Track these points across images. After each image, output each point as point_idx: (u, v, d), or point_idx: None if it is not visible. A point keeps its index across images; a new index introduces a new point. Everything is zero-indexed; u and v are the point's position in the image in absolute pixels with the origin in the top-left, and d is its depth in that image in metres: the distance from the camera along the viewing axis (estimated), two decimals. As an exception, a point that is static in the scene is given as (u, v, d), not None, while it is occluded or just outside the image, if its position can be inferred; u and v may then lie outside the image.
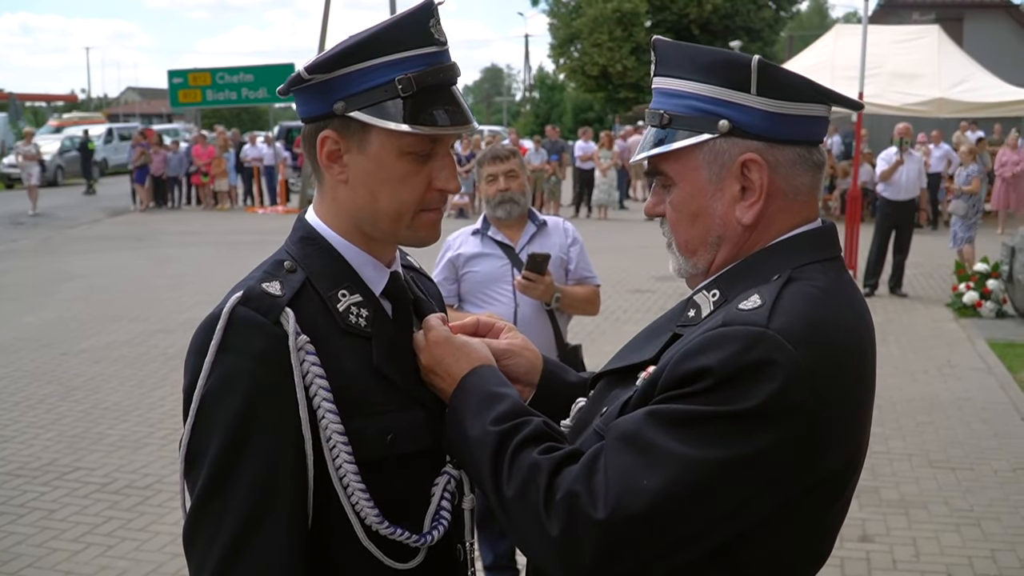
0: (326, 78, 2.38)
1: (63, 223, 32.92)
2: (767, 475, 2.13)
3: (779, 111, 2.34)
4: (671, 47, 2.47)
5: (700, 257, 2.47)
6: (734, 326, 2.17)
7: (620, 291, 18.53)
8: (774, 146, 2.35)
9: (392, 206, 2.45)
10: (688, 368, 2.15)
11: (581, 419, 2.57)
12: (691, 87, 2.38)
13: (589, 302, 6.42)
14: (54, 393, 12.07)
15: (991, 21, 46.58)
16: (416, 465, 2.51)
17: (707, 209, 2.41)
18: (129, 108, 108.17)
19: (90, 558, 7.45)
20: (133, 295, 18.95)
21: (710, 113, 2.35)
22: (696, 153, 2.38)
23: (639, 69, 66.42)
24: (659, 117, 2.43)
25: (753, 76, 2.32)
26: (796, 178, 2.39)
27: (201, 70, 42.53)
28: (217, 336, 2.29)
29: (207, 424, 2.29)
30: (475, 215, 30.37)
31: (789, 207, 2.40)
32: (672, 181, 2.44)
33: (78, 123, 60.36)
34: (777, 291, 2.23)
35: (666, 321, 2.53)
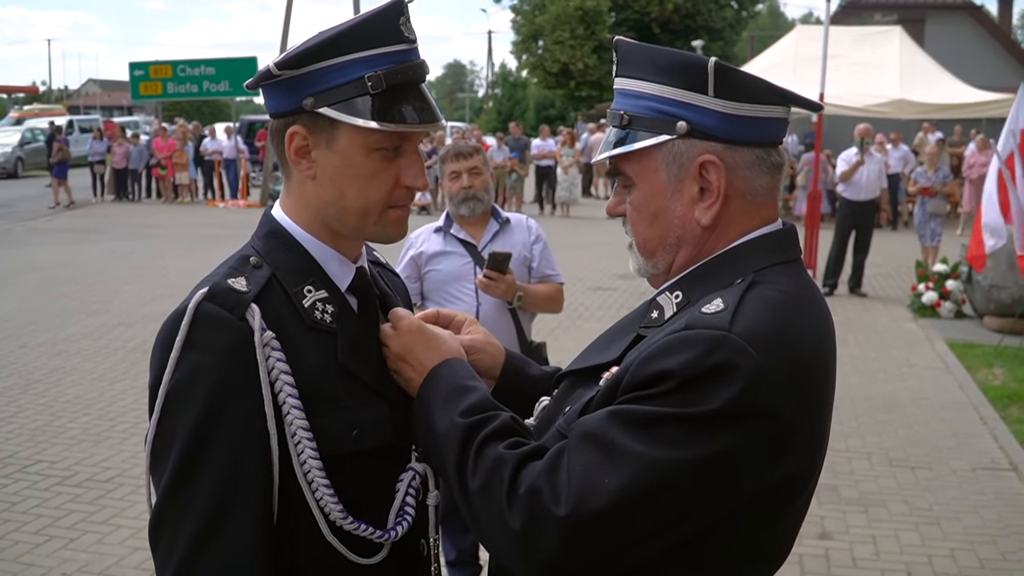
0: (295, 74, 2.38)
1: (23, 215, 32.72)
2: (727, 476, 2.15)
3: (736, 113, 2.35)
4: (632, 48, 2.47)
5: (659, 258, 2.48)
6: (696, 329, 2.18)
7: (582, 288, 18.55)
8: (732, 148, 2.36)
9: (359, 202, 2.46)
10: (650, 371, 2.16)
11: (545, 418, 2.58)
12: (651, 88, 2.39)
13: (552, 300, 6.42)
14: (14, 386, 12.01)
15: (953, 22, 46.77)
16: (380, 461, 2.52)
17: (666, 210, 2.42)
18: (90, 100, 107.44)
19: (52, 551, 7.43)
20: (93, 288, 18.84)
21: (668, 115, 2.37)
22: (655, 154, 2.39)
23: (600, 67, 66.50)
24: (619, 118, 2.45)
25: (710, 78, 2.32)
26: (755, 179, 2.40)
27: (163, 62, 42.24)
28: (182, 332, 2.30)
29: (172, 420, 2.29)
30: (438, 212, 30.36)
31: (748, 208, 2.42)
32: (632, 181, 2.46)
33: (39, 115, 59.98)
34: (740, 295, 2.24)
35: (629, 322, 2.55)
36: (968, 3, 48.45)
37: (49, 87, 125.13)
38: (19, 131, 51.62)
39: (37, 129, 50.45)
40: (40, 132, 48.80)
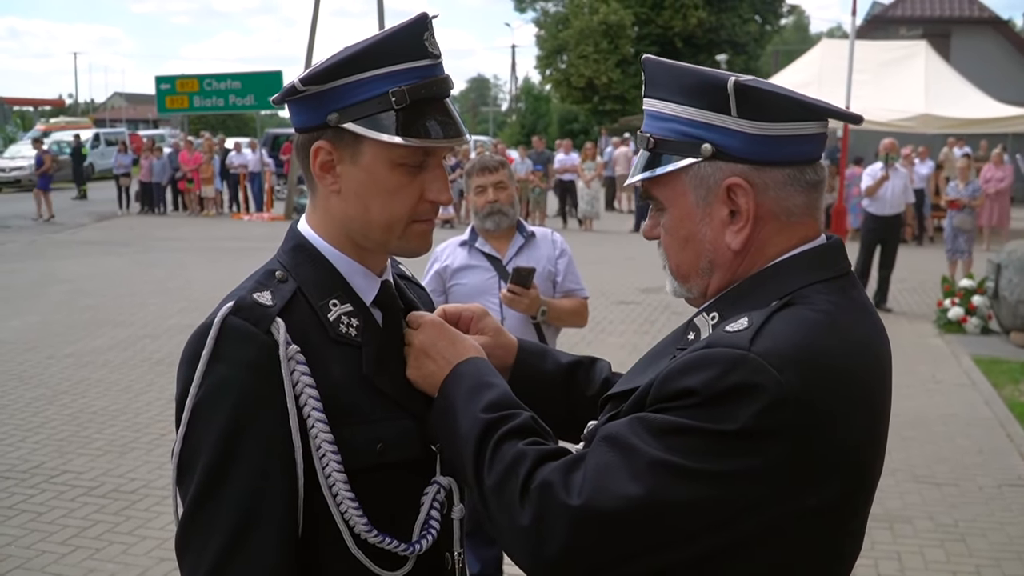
0: (320, 89, 2.39)
1: (50, 227, 32.88)
2: (747, 497, 2.09)
3: (763, 133, 2.28)
4: (658, 67, 2.42)
5: (693, 282, 2.45)
6: (716, 348, 2.14)
7: (605, 302, 18.53)
8: (761, 168, 2.29)
9: (383, 217, 2.46)
10: (673, 387, 2.14)
11: (589, 439, 2.51)
12: (676, 110, 2.34)
13: (576, 314, 6.40)
14: (41, 397, 12.08)
15: (979, 37, 46.63)
16: (405, 474, 2.52)
17: (696, 234, 2.37)
18: (116, 113, 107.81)
19: (78, 560, 7.47)
20: (119, 300, 18.92)
21: (693, 137, 2.31)
22: (682, 177, 2.35)
23: (624, 81, 66.42)
24: (646, 141, 2.40)
25: (731, 98, 2.27)
26: (788, 199, 2.32)
27: (189, 76, 42.44)
28: (208, 345, 2.31)
29: (198, 433, 2.30)
30: (462, 226, 30.37)
31: (783, 229, 2.34)
32: (663, 205, 2.42)
33: (65, 128, 60.24)
34: (768, 314, 2.19)
35: (667, 344, 2.49)
36: (994, 18, 48.31)
37: (75, 100, 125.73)
38: (46, 144, 51.84)
39: (63, 142, 50.61)
40: (66, 145, 48.96)
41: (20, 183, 48.51)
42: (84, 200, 42.83)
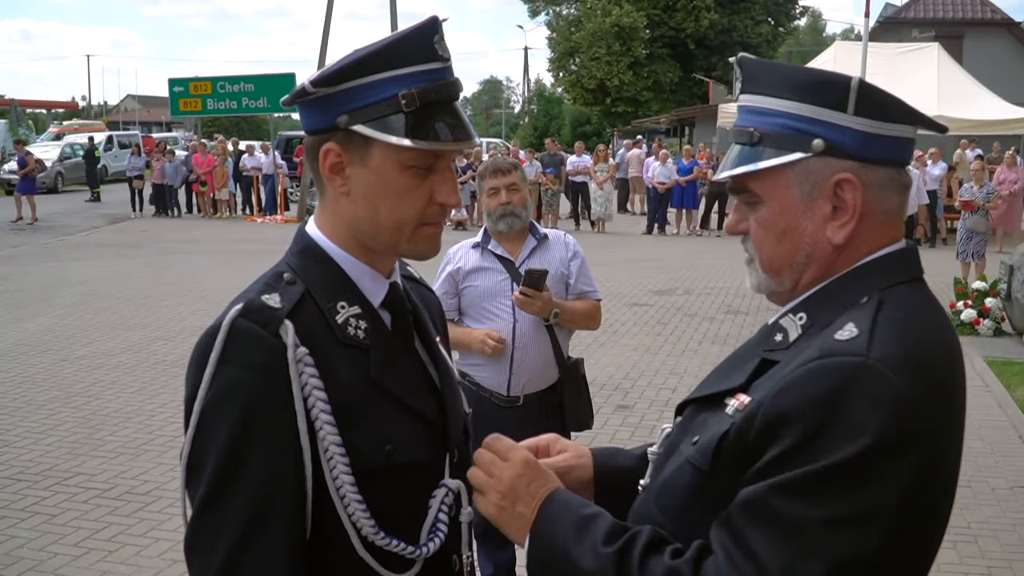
0: (330, 91, 2.39)
1: (63, 230, 32.94)
2: (905, 512, 2.06)
3: (874, 131, 2.29)
4: (760, 65, 2.44)
5: (785, 276, 2.41)
6: (833, 358, 2.10)
7: (618, 304, 18.52)
8: (868, 166, 2.30)
9: (392, 219, 2.46)
10: (788, 404, 2.09)
11: (670, 445, 2.51)
12: (784, 105, 2.33)
13: (589, 317, 6.38)
14: (54, 399, 12.09)
15: (991, 39, 46.64)
16: (413, 476, 2.51)
17: (796, 228, 2.35)
18: (129, 115, 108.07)
19: (91, 563, 7.47)
20: (132, 302, 18.97)
21: (804, 132, 2.30)
22: (787, 172, 2.33)
23: (636, 83, 66.57)
24: (749, 135, 2.38)
25: (852, 96, 2.28)
26: (887, 199, 2.33)
27: (202, 79, 42.43)
28: (217, 348, 2.30)
29: (207, 435, 2.29)
30: (474, 228, 30.39)
31: (878, 228, 2.34)
32: (759, 199, 2.38)
33: (78, 130, 60.45)
34: (872, 318, 2.17)
35: (751, 347, 2.48)
36: (1006, 20, 48.33)
37: (88, 102, 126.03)
38: (59, 146, 51.97)
39: (76, 144, 50.73)
40: (80, 147, 49.08)
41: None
42: (97, 202, 42.87)
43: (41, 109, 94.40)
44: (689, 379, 13.07)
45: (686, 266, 24.36)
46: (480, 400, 6.24)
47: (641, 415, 11.47)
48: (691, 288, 20.77)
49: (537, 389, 6.22)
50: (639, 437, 10.49)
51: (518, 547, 2.45)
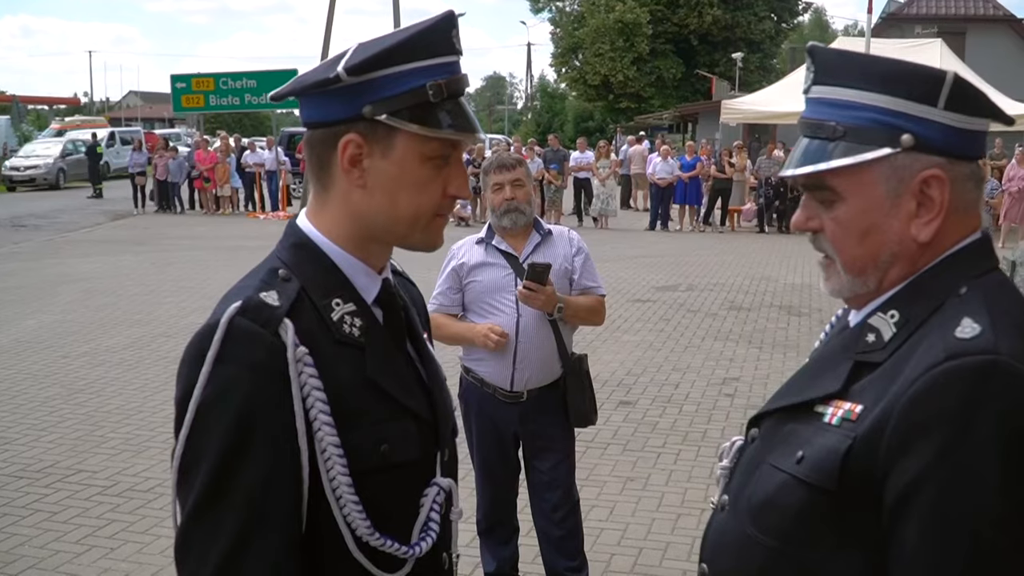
0: (357, 81, 2.36)
1: (65, 226, 32.96)
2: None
3: (962, 126, 2.23)
4: (837, 55, 2.34)
5: (869, 276, 2.31)
6: (964, 358, 2.02)
7: (621, 300, 18.50)
8: (953, 162, 2.23)
9: (411, 210, 2.45)
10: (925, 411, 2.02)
11: (750, 459, 2.45)
12: (868, 98, 2.24)
13: (593, 312, 6.36)
14: (56, 396, 12.08)
15: (994, 35, 46.63)
16: (406, 476, 2.50)
17: (880, 226, 2.26)
18: (131, 112, 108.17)
19: (92, 560, 7.46)
20: (134, 299, 18.97)
21: (892, 126, 2.22)
22: (873, 168, 2.24)
23: (640, 79, 66.67)
24: (830, 129, 2.28)
25: (945, 90, 2.20)
26: (968, 193, 2.27)
27: (204, 75, 42.49)
28: (215, 346, 2.26)
29: (202, 436, 2.26)
30: (477, 224, 30.39)
31: (960, 222, 2.27)
32: (839, 196, 2.29)
33: (80, 127, 60.42)
34: (988, 311, 2.11)
35: (837, 350, 2.38)
36: (1009, 16, 48.34)
37: (91, 99, 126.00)
38: (60, 143, 52.01)
39: (78, 141, 50.79)
40: (81, 144, 49.14)
41: (35, 182, 48.69)
42: (100, 199, 42.92)
43: (43, 105, 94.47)
44: (692, 375, 13.10)
45: (689, 262, 24.36)
46: (483, 396, 6.25)
47: (644, 411, 11.45)
48: (694, 284, 20.75)
49: (540, 384, 6.21)
50: (641, 433, 10.56)
51: (521, 543, 2.44)
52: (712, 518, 2.51)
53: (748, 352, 14.38)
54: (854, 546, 2.12)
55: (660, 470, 9.46)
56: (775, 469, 2.29)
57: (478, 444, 6.40)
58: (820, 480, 2.16)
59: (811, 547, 2.18)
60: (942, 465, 1.97)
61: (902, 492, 2.02)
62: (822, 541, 2.16)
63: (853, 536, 2.12)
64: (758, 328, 16.01)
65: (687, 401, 11.93)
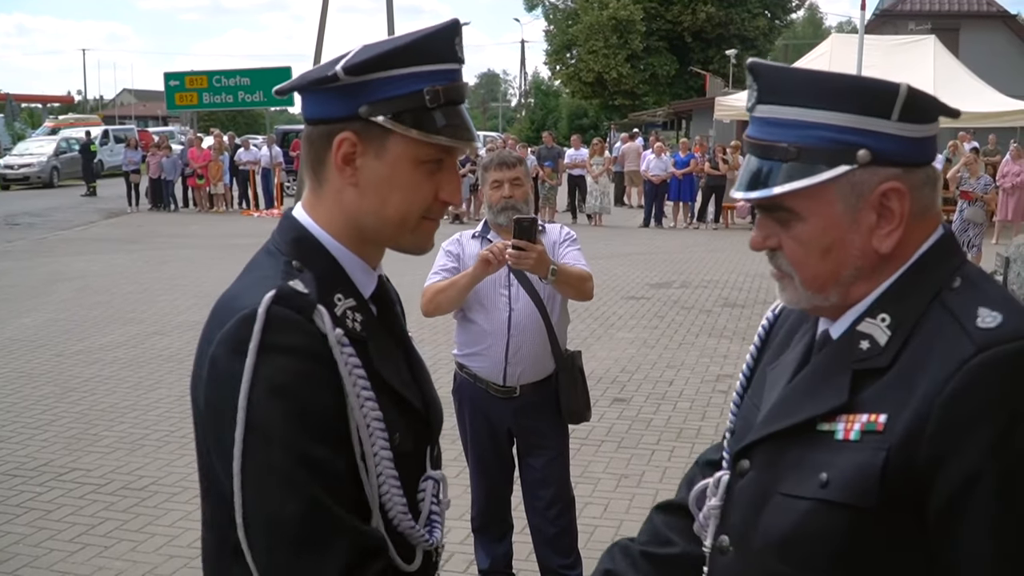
0: (356, 80, 2.37)
1: (58, 224, 32.93)
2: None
3: (917, 135, 2.21)
4: (782, 73, 2.29)
5: (831, 291, 2.28)
6: (996, 348, 2.01)
7: (615, 298, 18.53)
8: (909, 170, 2.21)
9: (399, 212, 2.45)
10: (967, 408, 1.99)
11: (752, 492, 2.36)
12: (820, 116, 2.20)
13: (584, 280, 6.15)
14: (50, 394, 12.08)
15: (987, 31, 46.62)
16: (407, 467, 2.50)
17: (842, 241, 2.24)
18: (125, 110, 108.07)
19: (87, 558, 7.46)
20: (128, 297, 18.96)
21: (846, 143, 2.18)
22: (831, 186, 2.21)
23: (634, 76, 66.71)
24: (783, 151, 2.23)
25: (899, 103, 2.17)
26: (925, 198, 2.25)
27: (198, 73, 42.54)
28: (256, 336, 2.23)
29: (262, 430, 2.23)
30: (471, 221, 30.41)
31: (919, 226, 2.25)
32: (797, 216, 2.25)
33: (74, 124, 60.33)
34: (999, 298, 2.12)
35: (827, 363, 2.31)
36: (1002, 12, 48.34)
37: (84, 97, 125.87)
38: (54, 141, 51.95)
39: (72, 139, 50.73)
40: (75, 142, 49.08)
41: (29, 180, 48.63)
42: (94, 197, 42.86)
43: (37, 104, 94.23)
44: (686, 372, 13.12)
45: (683, 259, 24.37)
46: (477, 392, 6.25)
47: (638, 408, 11.46)
48: (688, 281, 20.76)
49: (533, 380, 6.20)
50: (635, 430, 10.58)
51: (515, 540, 2.45)
52: (711, 562, 2.46)
53: (742, 349, 14.21)
54: (903, 559, 2.09)
55: (654, 467, 9.47)
56: (794, 499, 2.22)
57: (472, 441, 6.40)
58: (856, 499, 2.10)
59: (857, 571, 2.14)
60: (1000, 455, 1.96)
61: (957, 490, 1.99)
62: (868, 561, 2.12)
63: (899, 549, 2.09)
64: (752, 325, 15.81)
65: (681, 398, 11.94)
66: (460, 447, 6.55)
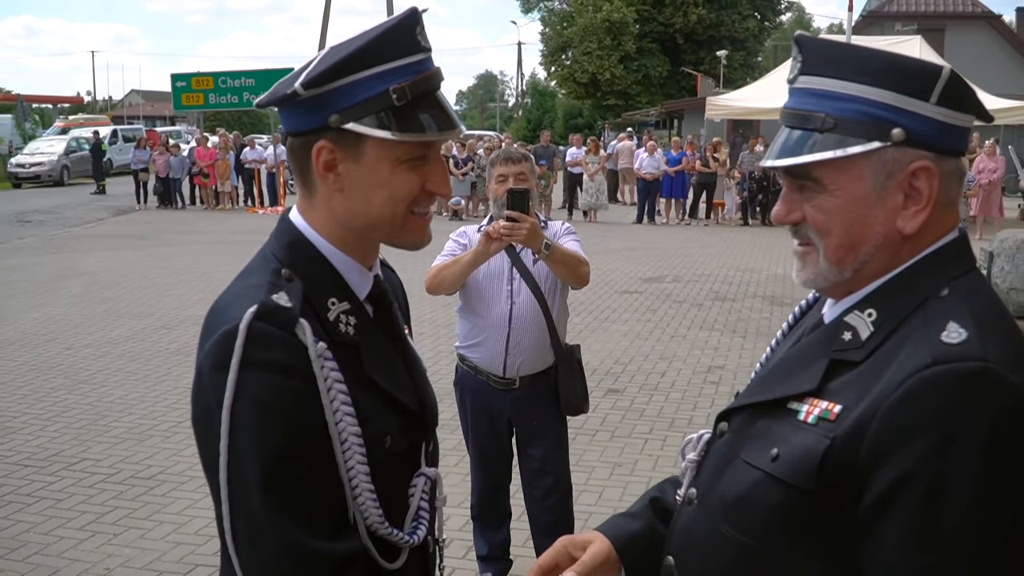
0: (319, 92, 2.34)
1: (69, 221, 32.89)
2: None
3: (952, 122, 2.16)
4: (827, 45, 2.25)
5: (847, 266, 2.24)
6: (951, 364, 1.96)
7: (609, 292, 18.54)
8: (941, 157, 2.16)
9: (387, 210, 2.42)
10: (908, 417, 1.96)
11: (721, 453, 2.38)
12: (859, 90, 2.16)
13: (580, 263, 6.10)
14: (60, 387, 12.07)
15: (972, 32, 46.69)
16: (398, 467, 2.51)
17: (868, 218, 2.19)
18: (133, 110, 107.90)
19: (96, 546, 7.46)
20: (136, 292, 18.93)
21: (882, 119, 2.14)
22: (862, 161, 2.17)
23: (627, 77, 66.70)
24: (819, 120, 2.20)
25: (939, 86, 2.13)
26: (952, 189, 2.20)
27: (204, 74, 42.51)
28: (237, 352, 2.23)
29: (243, 441, 2.23)
30: (470, 218, 30.45)
31: (942, 218, 2.20)
32: (824, 188, 2.21)
33: (83, 124, 60.25)
34: (973, 315, 2.05)
35: (811, 347, 2.30)
36: (987, 13, 48.39)
37: (94, 98, 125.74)
38: (64, 140, 51.90)
39: (82, 138, 50.69)
40: (85, 141, 49.05)
41: (40, 178, 48.56)
42: (103, 195, 42.81)
43: (47, 104, 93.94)
44: (678, 363, 13.12)
45: (675, 254, 24.39)
46: (478, 383, 6.27)
47: (631, 399, 11.46)
48: (680, 275, 20.76)
49: (532, 371, 6.21)
50: (629, 420, 10.59)
51: (512, 527, 2.44)
52: (680, 511, 2.47)
53: (732, 341, 14.40)
54: (830, 546, 2.08)
55: (647, 456, 9.48)
56: (749, 466, 2.23)
57: (473, 431, 6.41)
58: (797, 479, 2.11)
59: (786, 546, 2.13)
60: (926, 470, 1.92)
61: (884, 493, 1.97)
62: (798, 540, 2.12)
63: (829, 535, 2.08)
64: (742, 318, 16.01)
65: (673, 389, 11.95)
66: (460, 437, 6.57)
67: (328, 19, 37.39)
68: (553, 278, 6.11)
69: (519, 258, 6.11)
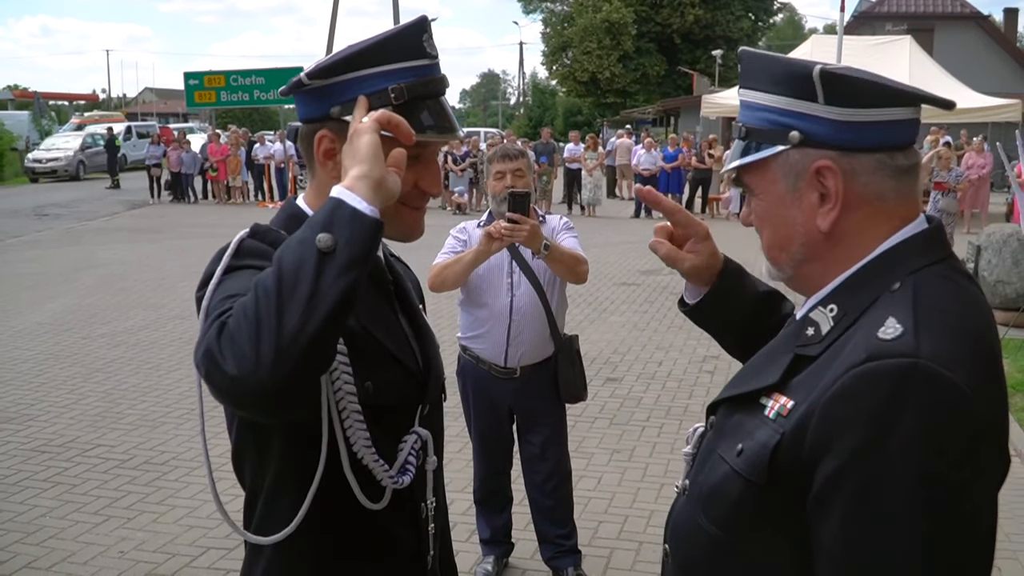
0: (324, 83, 2.42)
1: (84, 215, 32.91)
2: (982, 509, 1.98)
3: (850, 119, 2.15)
4: (753, 59, 2.33)
5: (783, 264, 2.31)
6: (883, 360, 1.93)
7: (608, 284, 18.54)
8: (849, 154, 2.16)
9: None
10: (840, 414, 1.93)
11: (706, 447, 2.40)
12: (765, 99, 2.25)
13: (577, 261, 6.10)
14: (77, 375, 12.08)
15: (961, 32, 46.65)
16: (388, 421, 2.53)
17: (787, 218, 2.25)
18: (147, 107, 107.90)
19: (110, 529, 7.46)
20: (150, 283, 18.94)
21: (782, 125, 2.21)
22: (771, 165, 2.24)
23: (625, 76, 66.75)
24: (739, 130, 2.32)
25: (817, 86, 2.16)
26: (878, 185, 2.17)
27: (216, 72, 42.51)
28: (225, 260, 2.36)
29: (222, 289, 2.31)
30: (473, 212, 30.44)
31: (877, 215, 2.18)
32: (753, 192, 2.32)
33: (99, 121, 60.27)
34: (913, 310, 2.01)
35: (782, 342, 2.31)
36: (975, 13, 48.35)
37: (108, 95, 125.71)
38: (80, 136, 51.89)
39: (97, 134, 50.68)
40: (100, 137, 49.05)
41: (56, 173, 48.55)
42: (117, 189, 42.77)
43: (63, 101, 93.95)
44: (674, 353, 13.13)
45: (672, 248, 24.17)
46: (479, 372, 6.27)
47: (629, 387, 11.49)
48: (677, 268, 20.64)
49: (533, 361, 6.23)
50: (627, 408, 10.62)
51: (514, 512, 2.43)
52: (675, 501, 2.47)
53: (728, 332, 14.27)
54: (790, 541, 2.06)
55: (645, 442, 9.49)
56: (722, 460, 2.24)
57: (475, 419, 6.42)
58: (752, 474, 2.11)
59: (750, 540, 2.13)
60: (857, 467, 1.90)
61: (819, 492, 1.96)
62: (759, 534, 2.11)
63: (788, 530, 2.05)
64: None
65: (670, 378, 11.96)
66: (463, 424, 6.57)
67: (336, 20, 37.47)
68: (552, 271, 6.10)
69: (519, 252, 6.11)
